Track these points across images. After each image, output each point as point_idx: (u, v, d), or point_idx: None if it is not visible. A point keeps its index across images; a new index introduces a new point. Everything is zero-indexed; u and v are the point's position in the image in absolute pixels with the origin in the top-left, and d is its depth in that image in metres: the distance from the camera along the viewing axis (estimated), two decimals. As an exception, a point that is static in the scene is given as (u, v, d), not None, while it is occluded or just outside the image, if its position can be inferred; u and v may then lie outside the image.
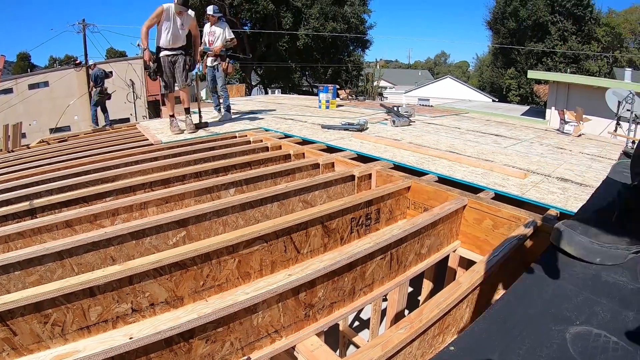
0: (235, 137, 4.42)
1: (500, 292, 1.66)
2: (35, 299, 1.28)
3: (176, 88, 4.72)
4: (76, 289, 1.34)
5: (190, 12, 4.43)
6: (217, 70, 5.62)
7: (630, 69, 23.77)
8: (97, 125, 8.91)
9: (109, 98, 9.64)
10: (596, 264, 1.35)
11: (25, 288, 1.58)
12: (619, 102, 7.91)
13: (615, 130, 7.86)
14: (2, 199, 2.59)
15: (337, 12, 25.12)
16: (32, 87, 21.98)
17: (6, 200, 2.58)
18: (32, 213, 2.37)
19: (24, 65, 41.91)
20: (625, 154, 4.21)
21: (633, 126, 7.77)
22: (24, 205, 2.39)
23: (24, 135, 7.07)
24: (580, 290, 1.22)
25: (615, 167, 3.22)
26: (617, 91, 8.16)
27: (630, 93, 7.85)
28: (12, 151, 5.13)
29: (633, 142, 6.70)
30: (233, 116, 5.88)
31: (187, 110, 4.79)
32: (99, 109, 9.39)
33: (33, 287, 1.38)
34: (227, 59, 5.68)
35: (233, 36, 5.66)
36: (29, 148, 5.30)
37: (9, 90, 21.19)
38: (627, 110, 7.78)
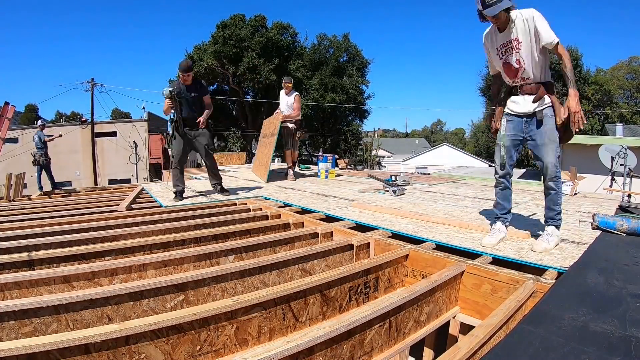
0: (235, 204, 4.50)
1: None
2: (29, 349, 1.27)
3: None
4: (71, 344, 1.33)
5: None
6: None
7: (621, 124, 24.29)
8: (41, 189, 7.98)
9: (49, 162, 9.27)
10: (584, 316, 1.39)
11: (19, 338, 1.57)
12: (612, 158, 8.04)
13: (611, 185, 7.91)
14: (1, 247, 2.60)
15: (337, 83, 26.20)
16: (37, 139, 22.47)
17: (4, 249, 2.60)
18: (30, 264, 2.37)
19: (31, 116, 42.90)
20: (621, 208, 4.22)
21: (627, 180, 7.79)
22: (22, 256, 2.40)
23: (25, 186, 7.13)
24: (567, 341, 1.25)
25: None
26: (610, 147, 8.31)
27: (623, 148, 7.98)
28: (14, 200, 5.17)
29: (629, 196, 6.65)
30: (232, 184, 6.05)
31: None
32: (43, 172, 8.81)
33: (27, 338, 1.38)
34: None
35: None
36: (30, 199, 5.35)
37: (14, 140, 21.61)
38: (621, 164, 7.88)
